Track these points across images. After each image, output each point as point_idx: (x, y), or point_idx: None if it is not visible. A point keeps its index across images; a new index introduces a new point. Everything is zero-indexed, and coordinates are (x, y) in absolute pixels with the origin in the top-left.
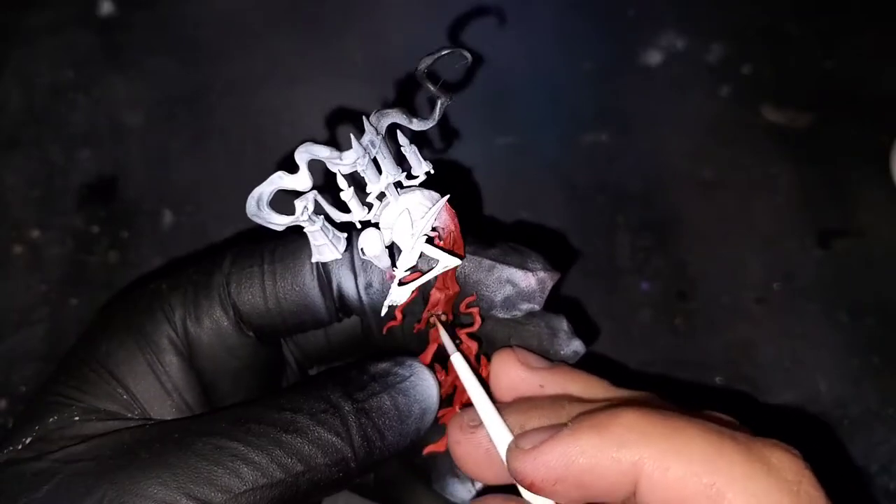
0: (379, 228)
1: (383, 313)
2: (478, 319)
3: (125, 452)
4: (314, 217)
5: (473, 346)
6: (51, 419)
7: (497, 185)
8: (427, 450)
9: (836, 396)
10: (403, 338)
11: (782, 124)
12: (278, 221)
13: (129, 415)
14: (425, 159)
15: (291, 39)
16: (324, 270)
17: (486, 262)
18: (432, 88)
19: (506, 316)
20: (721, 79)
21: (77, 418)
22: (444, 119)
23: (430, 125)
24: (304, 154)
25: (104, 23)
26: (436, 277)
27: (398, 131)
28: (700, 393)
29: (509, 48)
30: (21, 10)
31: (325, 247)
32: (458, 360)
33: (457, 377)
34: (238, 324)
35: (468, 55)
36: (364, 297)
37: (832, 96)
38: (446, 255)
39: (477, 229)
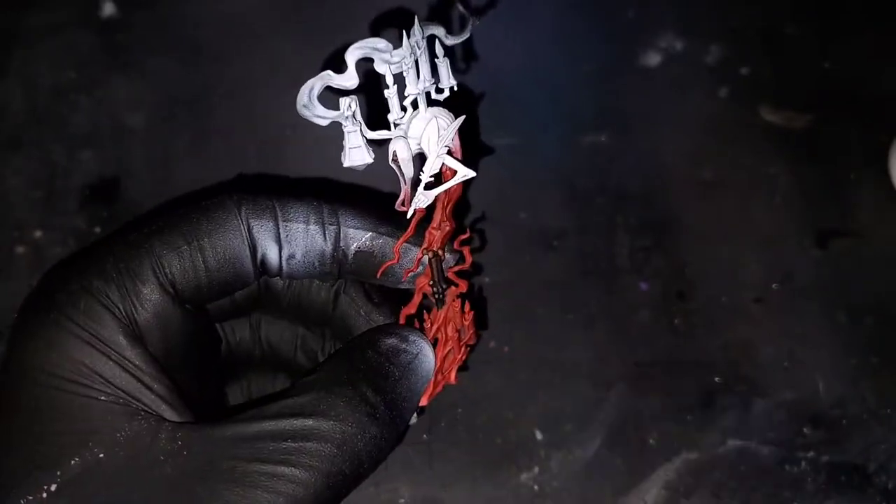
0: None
1: (409, 216)
2: (468, 257)
3: (160, 490)
4: (354, 119)
5: (463, 284)
6: (72, 461)
7: (497, 185)
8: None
9: (835, 396)
10: (317, 293)
11: (781, 125)
12: (325, 115)
13: (141, 416)
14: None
15: (292, 40)
16: (249, 239)
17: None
18: (462, 9)
19: None
20: (720, 79)
21: (102, 455)
22: (469, 41)
23: (462, 40)
24: (356, 51)
25: (105, 24)
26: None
27: (436, 44)
28: (699, 392)
29: (509, 48)
30: (22, 10)
31: (359, 150)
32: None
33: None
34: (178, 300)
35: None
36: (285, 268)
37: (831, 96)
38: (464, 167)
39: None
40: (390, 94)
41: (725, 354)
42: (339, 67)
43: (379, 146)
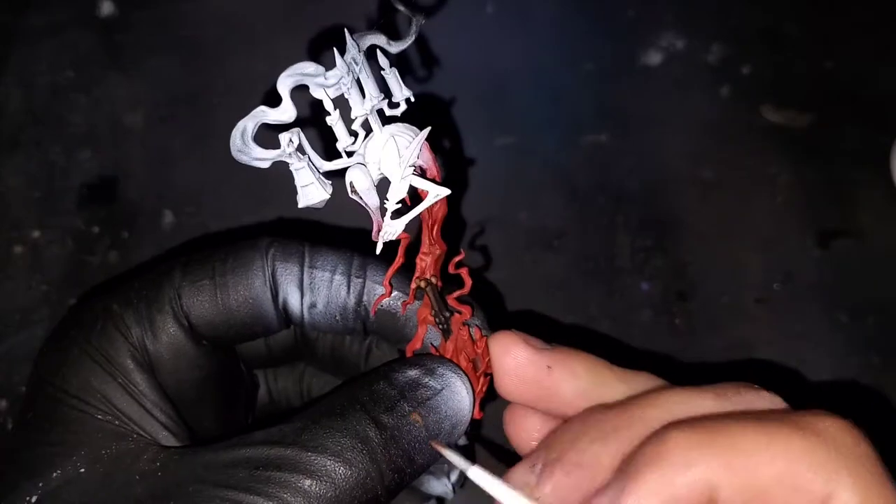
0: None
1: (377, 251)
2: (467, 281)
3: None
4: (300, 154)
5: (466, 310)
6: (54, 473)
7: (497, 185)
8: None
9: (836, 396)
10: (351, 345)
11: (782, 124)
12: (263, 156)
13: (131, 439)
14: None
15: (292, 40)
16: (272, 282)
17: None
18: (404, 9)
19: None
20: (721, 79)
21: (83, 470)
22: (425, 46)
23: (408, 44)
24: (287, 80)
25: (104, 23)
26: (418, 236)
27: (378, 55)
28: None
29: (509, 48)
30: (21, 10)
31: (312, 187)
32: (477, 474)
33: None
34: (193, 335)
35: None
36: (306, 316)
37: (832, 96)
38: (436, 185)
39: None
40: (333, 120)
41: (726, 355)
42: (273, 101)
43: (340, 178)
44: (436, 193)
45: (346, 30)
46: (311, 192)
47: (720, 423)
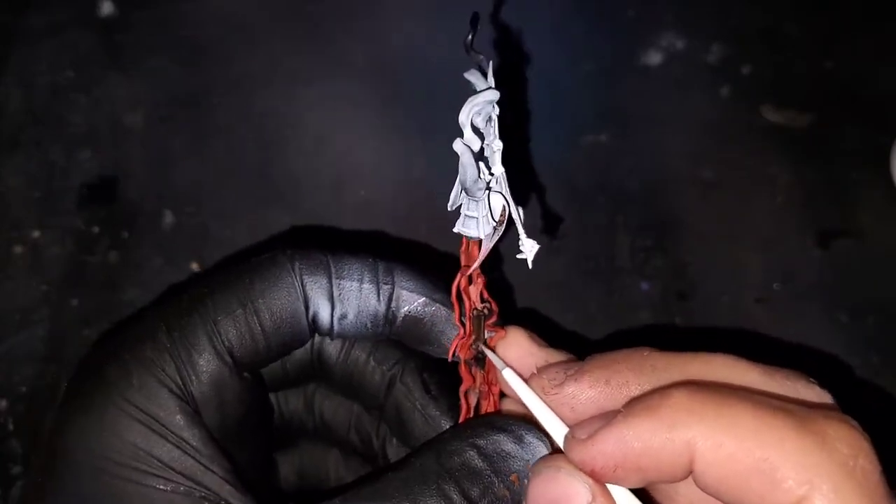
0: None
1: (530, 264)
2: (495, 308)
3: None
4: (489, 189)
5: (501, 333)
6: None
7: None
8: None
9: (836, 396)
10: (374, 375)
11: (782, 124)
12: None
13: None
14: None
15: (292, 40)
16: (303, 296)
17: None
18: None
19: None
20: (721, 79)
21: None
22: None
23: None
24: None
25: (104, 23)
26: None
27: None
28: None
29: (510, 48)
30: (21, 10)
31: (478, 221)
32: (510, 376)
33: (489, 382)
34: (237, 370)
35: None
36: (336, 328)
37: (832, 96)
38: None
39: None
40: (497, 146)
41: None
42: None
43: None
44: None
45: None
46: (472, 224)
47: (726, 397)
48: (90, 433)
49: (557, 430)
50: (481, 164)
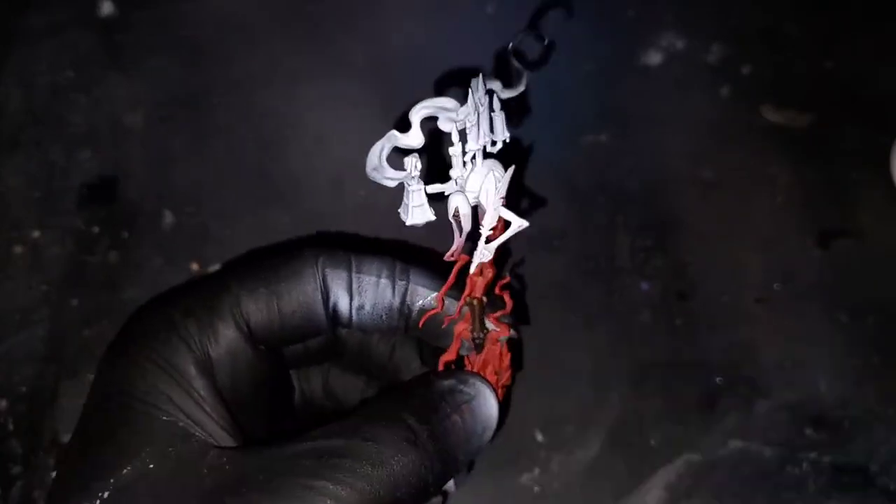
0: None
1: (472, 270)
2: (509, 302)
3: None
4: (419, 177)
5: (504, 329)
6: (124, 470)
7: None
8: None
9: (837, 396)
10: (377, 345)
11: (782, 124)
12: (393, 177)
13: (195, 439)
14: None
15: (292, 40)
16: (323, 287)
17: None
18: (517, 64)
19: None
20: (721, 79)
21: (152, 466)
22: (523, 97)
23: (517, 93)
24: (422, 111)
25: (104, 23)
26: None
27: (494, 98)
28: (700, 393)
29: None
30: (21, 10)
31: (421, 208)
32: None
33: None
34: (252, 340)
35: (544, 37)
36: (355, 317)
37: (832, 96)
38: (518, 217)
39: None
40: (455, 151)
41: (726, 355)
42: (402, 127)
43: (434, 201)
44: (518, 224)
45: (480, 74)
46: (420, 212)
47: None
48: (119, 372)
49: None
50: (412, 159)
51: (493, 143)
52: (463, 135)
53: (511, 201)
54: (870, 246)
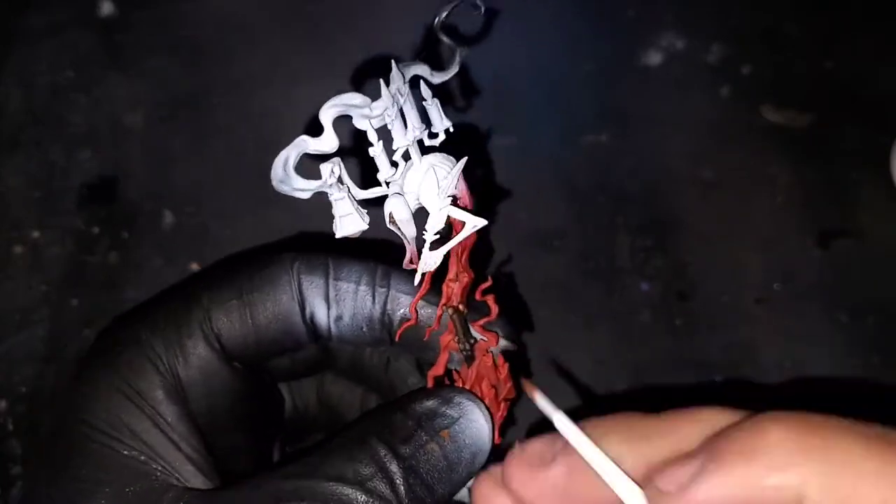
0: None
1: (416, 281)
2: (494, 308)
3: None
4: (340, 184)
5: (491, 338)
6: None
7: (497, 185)
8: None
9: (836, 396)
10: (371, 358)
11: (782, 124)
12: (304, 187)
13: (155, 477)
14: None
15: (292, 40)
16: (299, 296)
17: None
18: (448, 40)
19: None
20: (721, 79)
21: None
22: (465, 75)
23: (451, 75)
24: (330, 110)
25: (104, 23)
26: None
27: (421, 85)
28: (700, 393)
29: (509, 49)
30: (21, 10)
31: (350, 217)
32: (561, 421)
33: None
34: (225, 357)
35: (480, 5)
36: (334, 329)
37: (832, 96)
38: (472, 216)
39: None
40: (376, 151)
41: (726, 355)
42: (317, 129)
43: (375, 205)
44: (472, 224)
45: (392, 61)
46: (349, 222)
47: (826, 429)
48: (81, 399)
49: (621, 483)
50: (329, 165)
51: (433, 136)
52: (388, 131)
53: (479, 198)
54: (870, 246)
